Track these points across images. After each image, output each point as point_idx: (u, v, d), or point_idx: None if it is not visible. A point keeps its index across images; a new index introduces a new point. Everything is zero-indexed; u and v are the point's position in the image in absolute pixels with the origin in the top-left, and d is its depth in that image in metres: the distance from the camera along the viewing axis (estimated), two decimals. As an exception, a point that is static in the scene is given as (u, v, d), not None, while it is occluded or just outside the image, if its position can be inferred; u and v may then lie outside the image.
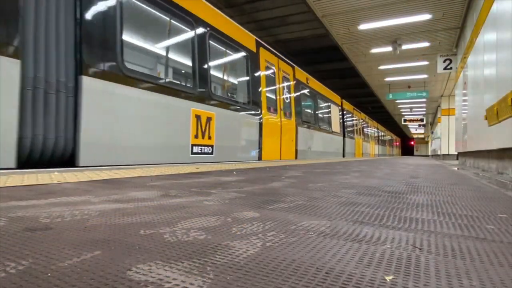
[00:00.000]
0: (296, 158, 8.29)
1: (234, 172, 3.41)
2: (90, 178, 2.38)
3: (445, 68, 10.07)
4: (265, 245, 0.90)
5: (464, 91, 7.76)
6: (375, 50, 10.77)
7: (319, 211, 1.42)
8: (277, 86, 7.39)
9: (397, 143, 42.94)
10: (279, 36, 13.07)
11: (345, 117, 13.93)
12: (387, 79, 14.68)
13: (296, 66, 8.71)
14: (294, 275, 0.68)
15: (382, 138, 26.74)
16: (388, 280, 0.67)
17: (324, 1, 7.59)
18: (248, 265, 0.73)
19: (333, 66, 16.75)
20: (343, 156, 13.46)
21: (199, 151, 4.65)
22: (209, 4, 5.14)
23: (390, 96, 15.44)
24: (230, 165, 4.66)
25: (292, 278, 0.67)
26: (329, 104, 11.78)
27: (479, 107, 5.36)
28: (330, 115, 11.86)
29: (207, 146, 4.84)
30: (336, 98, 12.93)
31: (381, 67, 12.79)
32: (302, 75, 9.12)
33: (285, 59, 8.11)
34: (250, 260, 0.77)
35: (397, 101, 19.50)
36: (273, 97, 7.20)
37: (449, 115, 16.17)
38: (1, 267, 0.68)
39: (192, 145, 4.52)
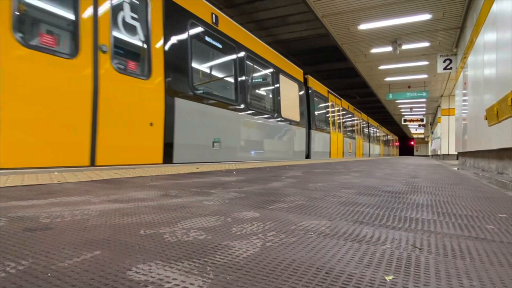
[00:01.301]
0: (167, 160, 4.18)
1: (234, 172, 3.41)
2: (90, 178, 2.38)
3: (445, 68, 10.07)
4: (265, 245, 0.90)
5: (464, 91, 7.76)
6: (375, 50, 10.77)
7: (319, 211, 1.42)
8: None
9: (395, 142, 38.61)
10: (279, 36, 13.07)
11: (312, 101, 9.75)
12: (387, 79, 14.68)
13: None
14: (294, 275, 0.68)
15: (375, 135, 22.44)
16: (388, 280, 0.67)
17: (324, 1, 7.58)
18: (248, 265, 0.73)
19: (333, 66, 16.75)
20: (308, 157, 9.41)
21: None
22: None
23: (390, 96, 15.43)
24: (231, 165, 4.66)
25: (292, 278, 0.67)
26: (276, 74, 7.39)
27: (479, 107, 5.36)
28: (279, 92, 7.49)
29: None
30: (295, 71, 8.59)
31: (381, 67, 12.79)
32: (194, 2, 4.79)
33: None
34: (250, 260, 0.77)
35: (397, 101, 19.48)
36: (68, 15, 3.10)
37: (449, 115, 16.16)
38: (1, 267, 0.68)
39: None
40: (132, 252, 0.80)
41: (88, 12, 3.20)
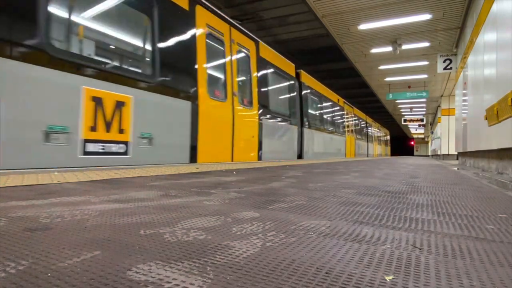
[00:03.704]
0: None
1: (234, 172, 3.41)
2: (90, 178, 2.38)
3: (445, 68, 10.06)
4: (265, 245, 0.90)
5: (464, 91, 7.76)
6: (375, 50, 10.77)
7: (319, 211, 1.42)
8: None
9: (384, 137, 28.98)
10: (279, 36, 13.07)
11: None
12: (387, 79, 14.68)
13: None
14: (294, 275, 0.68)
15: (336, 118, 13.09)
16: (388, 280, 0.67)
17: (324, 1, 7.58)
18: (248, 265, 0.73)
19: (333, 66, 16.75)
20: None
21: None
22: None
23: (390, 96, 15.43)
24: (231, 165, 4.66)
25: (292, 278, 0.67)
26: None
27: (479, 107, 5.36)
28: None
29: None
30: None
31: (381, 67, 12.78)
32: None
33: None
34: (250, 260, 0.77)
35: (397, 101, 19.48)
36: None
37: (449, 115, 16.16)
38: (1, 267, 0.68)
39: None
40: (132, 252, 0.80)
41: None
